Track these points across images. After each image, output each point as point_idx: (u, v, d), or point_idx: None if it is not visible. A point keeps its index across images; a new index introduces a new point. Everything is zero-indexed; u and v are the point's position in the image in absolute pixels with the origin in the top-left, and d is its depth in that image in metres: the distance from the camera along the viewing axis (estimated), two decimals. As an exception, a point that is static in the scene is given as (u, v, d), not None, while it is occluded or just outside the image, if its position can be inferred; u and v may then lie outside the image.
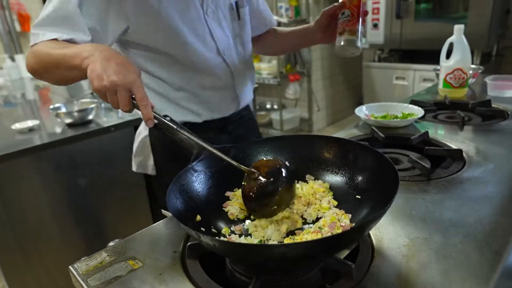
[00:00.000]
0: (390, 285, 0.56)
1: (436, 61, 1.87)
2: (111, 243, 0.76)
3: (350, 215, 0.67)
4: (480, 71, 1.77)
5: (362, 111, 1.37)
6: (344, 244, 0.57)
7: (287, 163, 0.74)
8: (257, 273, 0.57)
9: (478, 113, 1.38)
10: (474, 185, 0.84)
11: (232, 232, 0.69)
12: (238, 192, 0.78)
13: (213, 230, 0.69)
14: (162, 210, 0.92)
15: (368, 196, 0.68)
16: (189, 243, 0.66)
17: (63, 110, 1.73)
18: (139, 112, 0.72)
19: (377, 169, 0.70)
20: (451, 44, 1.57)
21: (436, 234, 0.68)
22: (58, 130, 1.65)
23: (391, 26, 3.27)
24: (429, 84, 3.23)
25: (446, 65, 1.58)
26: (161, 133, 1.02)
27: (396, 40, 3.28)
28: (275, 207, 0.69)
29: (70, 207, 1.65)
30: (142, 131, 1.20)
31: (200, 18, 0.98)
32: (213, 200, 0.75)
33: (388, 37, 3.31)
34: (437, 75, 1.88)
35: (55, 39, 0.84)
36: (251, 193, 0.69)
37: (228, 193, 0.78)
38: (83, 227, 1.71)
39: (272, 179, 0.68)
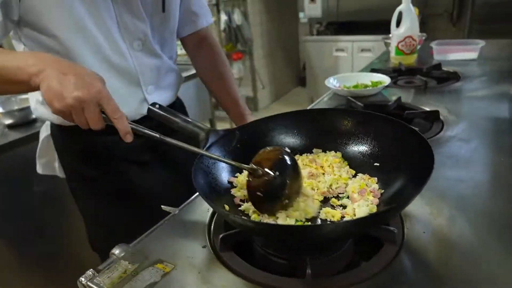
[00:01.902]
0: (431, 242, 0.59)
1: (372, 32, 1.96)
2: (115, 250, 0.69)
3: (376, 178, 0.69)
4: (424, 37, 1.91)
5: (331, 83, 1.39)
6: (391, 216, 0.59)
7: (287, 149, 0.69)
8: (301, 254, 0.56)
9: (433, 76, 1.49)
10: (459, 142, 0.91)
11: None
12: (240, 177, 0.73)
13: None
14: (162, 206, 0.85)
15: (388, 161, 0.70)
16: (222, 235, 0.62)
17: (0, 109, 1.49)
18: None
19: (392, 134, 0.71)
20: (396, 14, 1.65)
21: (447, 190, 0.72)
22: (-4, 134, 1.43)
23: (328, -1, 3.36)
24: (367, 54, 3.41)
25: (397, 33, 1.66)
26: (65, 133, 0.93)
27: (333, 12, 3.38)
28: (286, 201, 0.62)
29: (22, 222, 1.46)
30: (44, 130, 1.06)
31: (106, 1, 0.80)
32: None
33: (325, 10, 3.39)
34: (386, 44, 1.98)
35: None
36: (258, 193, 0.62)
37: (231, 179, 0.74)
38: (42, 246, 1.52)
39: (278, 172, 0.62)
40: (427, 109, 1.14)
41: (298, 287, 0.53)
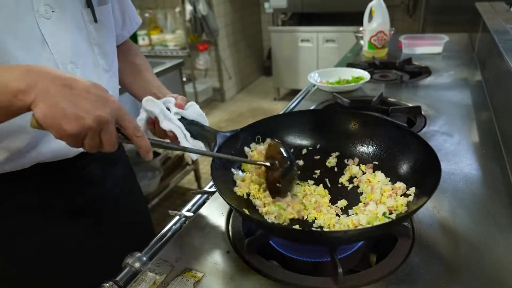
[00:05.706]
0: (439, 234, 0.65)
1: (335, 23, 2.02)
2: (129, 260, 0.68)
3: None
4: (392, 32, 2.00)
5: (314, 78, 1.43)
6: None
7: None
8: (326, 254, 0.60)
9: (405, 70, 1.58)
10: (443, 135, 0.99)
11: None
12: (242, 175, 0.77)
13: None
14: (169, 210, 0.85)
15: (388, 159, 0.75)
16: (248, 239, 0.63)
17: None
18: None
19: (387, 134, 0.76)
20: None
21: (442, 183, 0.76)
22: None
23: (293, -11, 3.39)
24: (331, 45, 3.50)
25: (370, 28, 1.74)
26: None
27: (298, 3, 3.42)
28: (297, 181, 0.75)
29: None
30: None
31: (28, 17, 0.63)
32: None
33: (291, 0, 3.42)
34: (357, 38, 2.06)
35: None
36: (278, 184, 0.69)
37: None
38: None
39: (288, 161, 0.70)
40: (407, 103, 1.21)
41: (332, 285, 0.56)
